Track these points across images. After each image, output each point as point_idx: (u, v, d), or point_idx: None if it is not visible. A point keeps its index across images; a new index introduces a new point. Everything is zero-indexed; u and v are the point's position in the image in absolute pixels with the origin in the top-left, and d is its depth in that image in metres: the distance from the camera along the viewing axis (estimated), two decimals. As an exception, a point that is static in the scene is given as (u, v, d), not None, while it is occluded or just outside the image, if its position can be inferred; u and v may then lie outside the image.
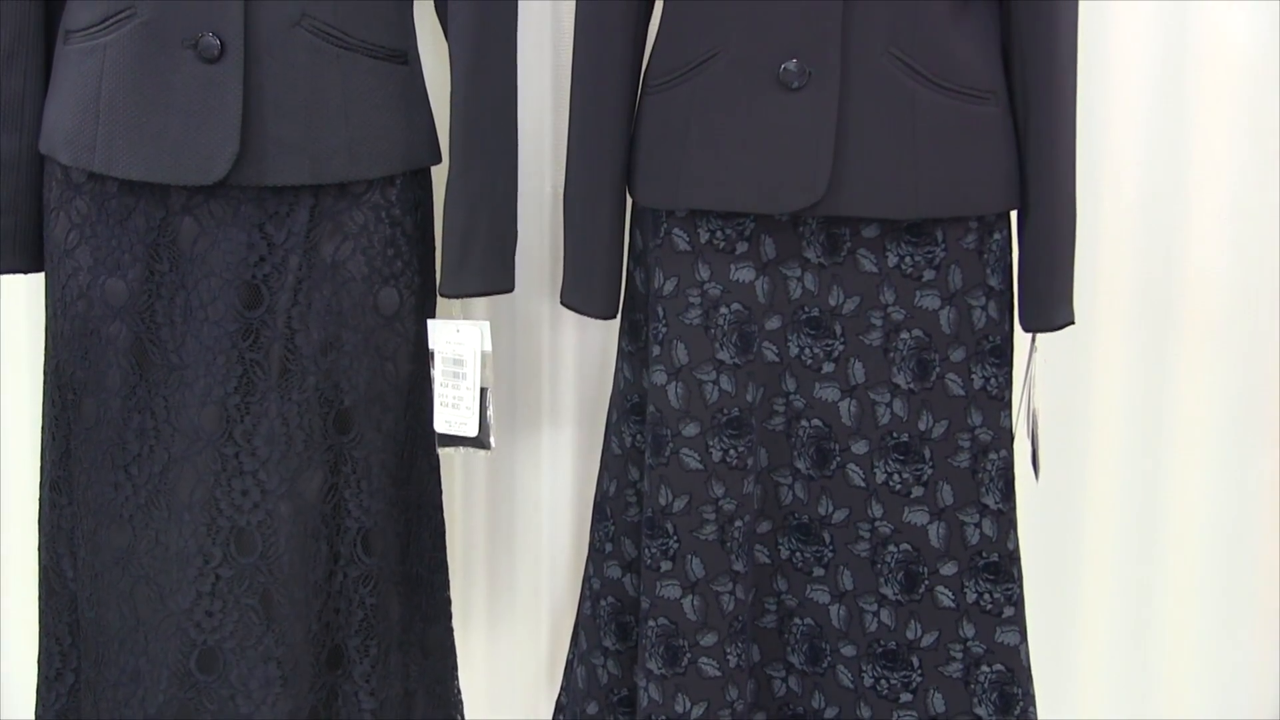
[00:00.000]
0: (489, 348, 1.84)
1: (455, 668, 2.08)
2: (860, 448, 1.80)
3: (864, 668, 1.83)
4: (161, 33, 1.71)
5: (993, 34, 1.76)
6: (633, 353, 1.92)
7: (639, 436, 1.91)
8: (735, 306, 1.77)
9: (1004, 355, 1.80)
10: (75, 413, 1.83)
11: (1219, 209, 2.22)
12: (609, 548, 1.96)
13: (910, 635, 1.82)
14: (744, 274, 1.77)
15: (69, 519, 1.88)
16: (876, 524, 1.81)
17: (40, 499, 1.92)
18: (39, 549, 1.93)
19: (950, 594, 1.80)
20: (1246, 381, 2.26)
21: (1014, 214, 1.82)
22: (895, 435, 1.78)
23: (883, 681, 1.83)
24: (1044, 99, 1.75)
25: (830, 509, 1.82)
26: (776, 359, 1.79)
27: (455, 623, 2.08)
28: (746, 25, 1.70)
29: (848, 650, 1.84)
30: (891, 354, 1.77)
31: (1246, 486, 2.29)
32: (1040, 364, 1.87)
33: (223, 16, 1.70)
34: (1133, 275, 2.25)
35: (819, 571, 1.84)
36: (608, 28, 1.83)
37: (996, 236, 1.78)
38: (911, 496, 1.79)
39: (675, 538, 1.80)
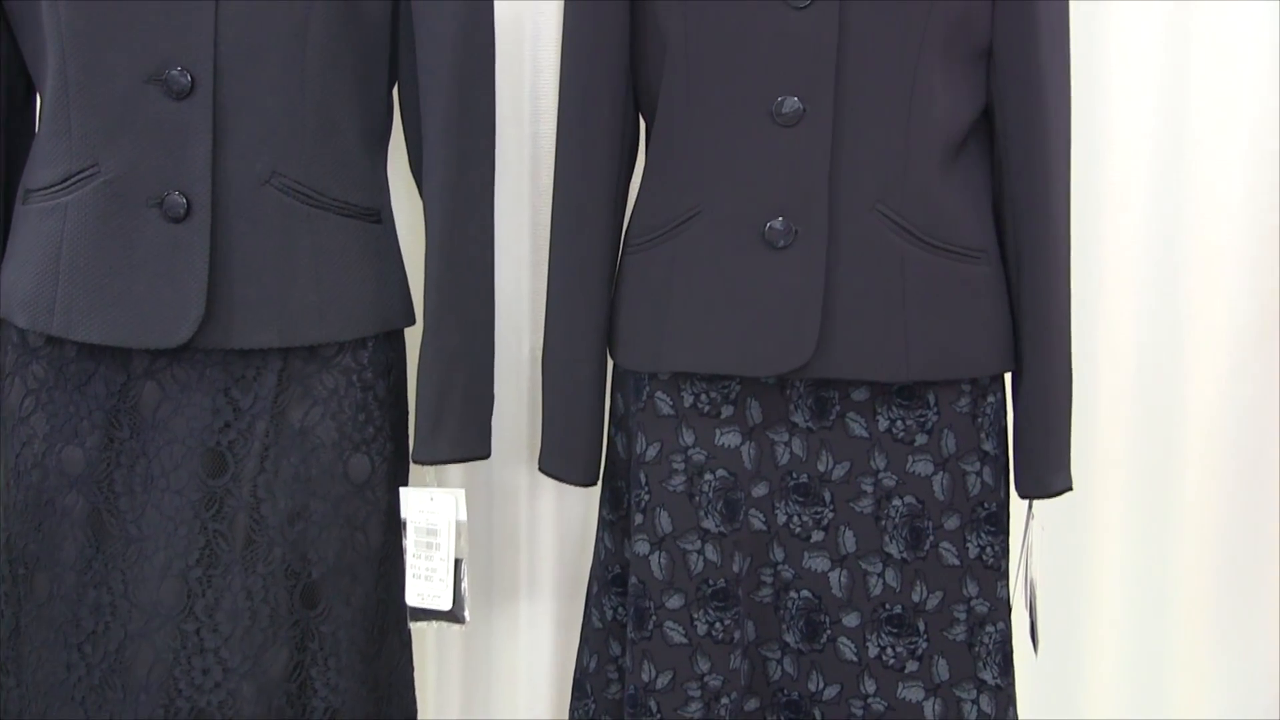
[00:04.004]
0: (464, 517, 1.81)
1: None
2: (851, 620, 1.76)
3: None
4: (125, 192, 1.70)
5: (984, 190, 1.77)
6: (614, 521, 1.89)
7: (621, 609, 1.87)
8: (720, 473, 1.75)
9: (1000, 523, 1.77)
10: (27, 588, 1.78)
11: (1218, 373, 2.25)
12: (589, 727, 1.91)
13: (907, 818, 1.77)
14: (729, 439, 1.75)
15: (17, 702, 1.81)
16: (869, 700, 1.76)
17: (-14, 681, 1.87)
18: (-16, 735, 1.88)
19: (950, 775, 1.77)
20: (1248, 553, 2.26)
21: (1009, 376, 1.81)
22: (888, 607, 1.75)
23: None
24: (1037, 258, 1.74)
25: (821, 685, 1.78)
26: (764, 527, 1.76)
27: (428, 809, 2.02)
28: (730, 182, 1.70)
29: (842, 835, 1.79)
30: (883, 522, 1.74)
31: (1252, 659, 2.28)
32: (1038, 532, 1.85)
33: (190, 174, 1.69)
34: (1132, 441, 2.27)
35: (810, 751, 1.80)
36: (588, 184, 1.82)
37: (991, 399, 1.77)
38: (906, 671, 1.75)
39: (659, 716, 1.76)
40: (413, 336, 1.89)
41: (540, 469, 1.89)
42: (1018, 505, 1.82)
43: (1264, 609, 2.27)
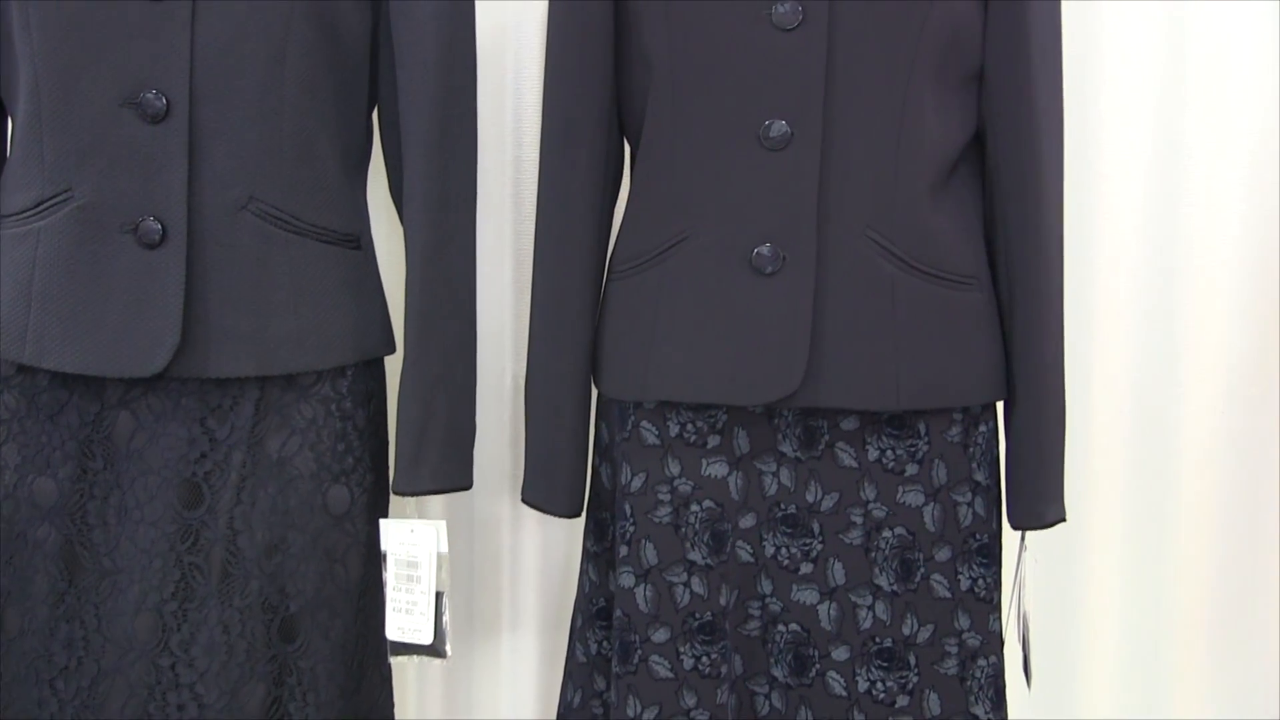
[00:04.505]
0: (445, 549, 1.79)
1: None
2: (841, 654, 1.73)
3: None
4: (100, 217, 1.68)
5: (975, 215, 1.75)
6: (598, 553, 1.86)
7: (605, 643, 1.85)
8: (707, 504, 1.73)
9: (992, 554, 1.76)
10: (-3, 623, 1.77)
11: (1214, 401, 2.24)
12: (573, 764, 1.88)
13: None
14: (716, 469, 1.73)
15: (-13, 739, 1.80)
16: (860, 737, 1.75)
17: (-45, 721, 1.85)
18: (-48, 778, 1.86)
19: (941, 812, 1.74)
20: (1246, 586, 2.25)
21: (1000, 405, 1.79)
22: (878, 640, 1.72)
23: None
24: (1030, 284, 1.73)
25: (810, 721, 1.76)
26: (751, 559, 1.74)
27: None
28: (717, 208, 1.68)
29: None
30: (873, 554, 1.72)
31: (1249, 695, 2.27)
32: (1031, 564, 1.83)
33: (165, 200, 1.68)
34: (1127, 470, 2.26)
35: (799, 790, 1.77)
36: (572, 209, 1.80)
37: (982, 429, 1.75)
38: (896, 706, 1.72)
39: (644, 753, 1.74)
40: (393, 365, 1.87)
41: (523, 500, 1.86)
42: (1010, 536, 1.80)
43: (1261, 644, 2.26)
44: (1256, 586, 2.25)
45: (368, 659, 1.86)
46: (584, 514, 1.88)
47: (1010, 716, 1.79)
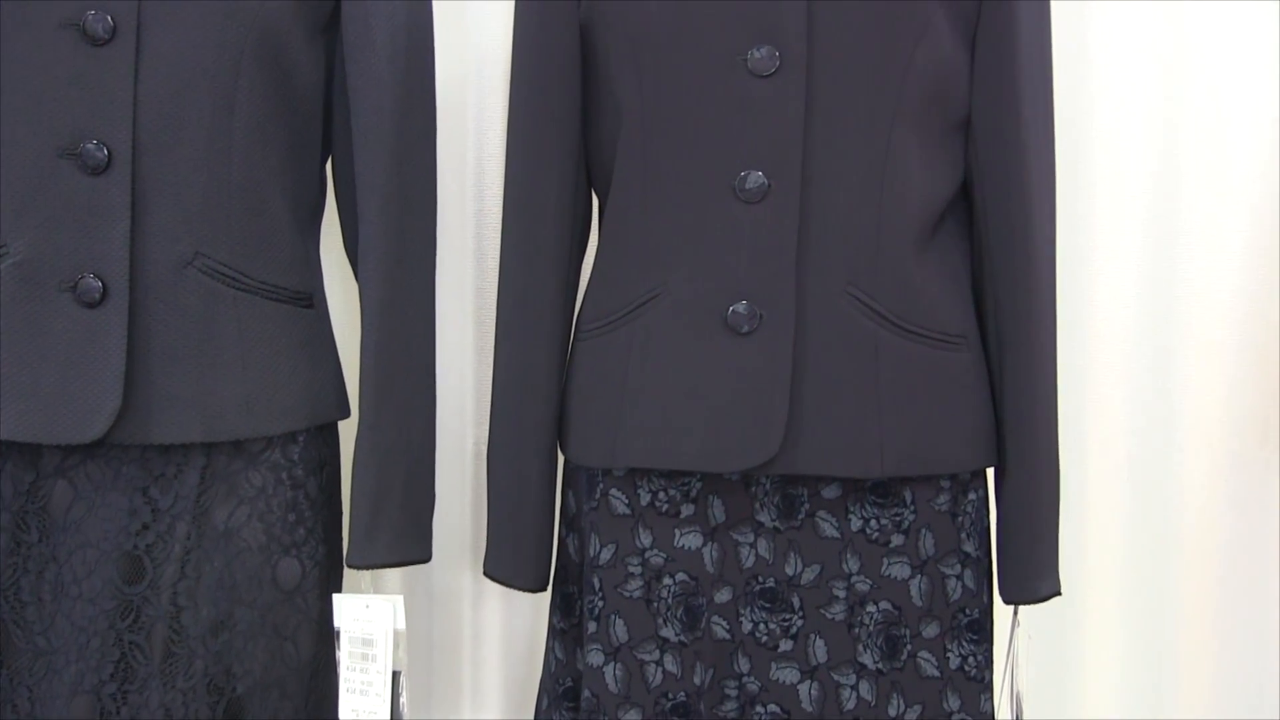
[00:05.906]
0: (403, 626, 1.75)
1: None
2: None
3: None
4: (36, 275, 1.64)
5: (963, 271, 1.73)
6: (565, 630, 1.82)
7: None
8: (680, 577, 1.68)
9: (983, 630, 1.71)
10: (-77, 708, 1.72)
11: (1214, 465, 2.24)
12: None
13: None
14: (690, 540, 1.68)
15: (-87, 831, 1.75)
16: (843, 826, 1.70)
17: (-121, 815, 1.80)
18: None
19: None
20: (1250, 663, 2.24)
21: (991, 472, 1.76)
22: None
23: None
24: (1021, 343, 1.70)
25: (791, 809, 1.71)
26: (727, 636, 1.69)
27: None
28: (690, 263, 1.65)
29: None
30: (856, 630, 1.68)
31: None
32: (1024, 640, 1.79)
33: (106, 256, 1.63)
34: (1122, 540, 2.26)
35: None
36: (537, 264, 1.77)
37: (972, 497, 1.71)
38: None
39: (614, 843, 1.70)
40: (347, 430, 1.84)
41: (485, 573, 1.83)
42: (1002, 611, 1.77)
43: (1264, 707, 2.25)
44: (1263, 672, 2.24)
45: (320, 743, 1.82)
46: (550, 588, 1.84)
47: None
